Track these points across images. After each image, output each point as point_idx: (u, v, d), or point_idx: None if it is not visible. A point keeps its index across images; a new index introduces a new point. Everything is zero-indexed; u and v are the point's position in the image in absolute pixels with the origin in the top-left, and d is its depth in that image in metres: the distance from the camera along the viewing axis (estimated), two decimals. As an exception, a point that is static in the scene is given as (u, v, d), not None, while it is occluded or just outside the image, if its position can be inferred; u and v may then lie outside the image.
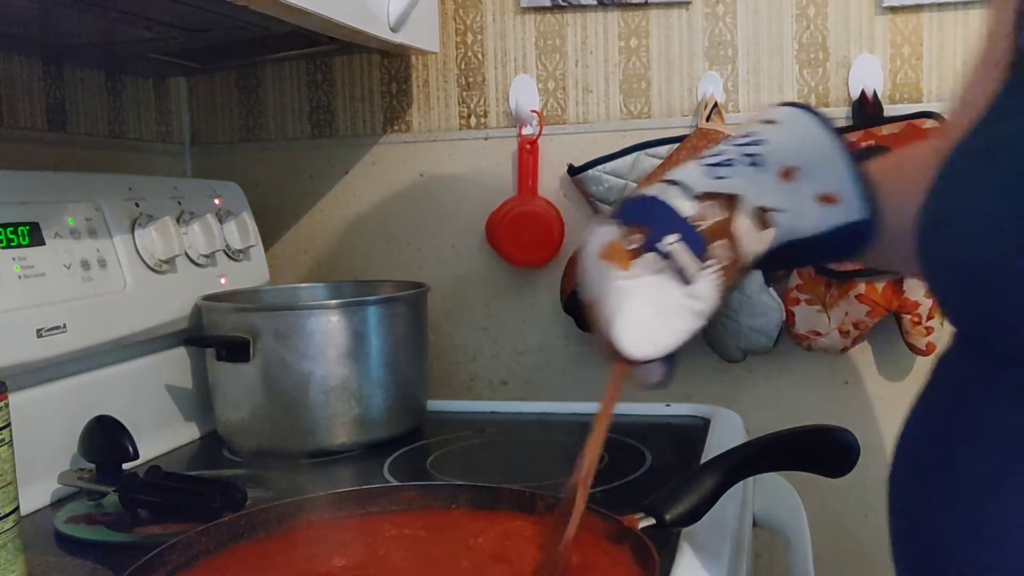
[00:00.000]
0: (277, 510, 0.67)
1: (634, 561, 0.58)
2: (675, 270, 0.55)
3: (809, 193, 0.60)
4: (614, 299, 0.55)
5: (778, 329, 1.17)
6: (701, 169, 0.59)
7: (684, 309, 0.56)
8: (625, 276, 0.55)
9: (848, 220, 0.61)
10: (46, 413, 0.87)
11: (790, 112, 0.63)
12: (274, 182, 1.38)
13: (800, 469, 0.72)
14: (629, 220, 0.57)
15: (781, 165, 0.60)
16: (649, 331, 0.55)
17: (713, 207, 0.57)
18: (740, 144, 0.61)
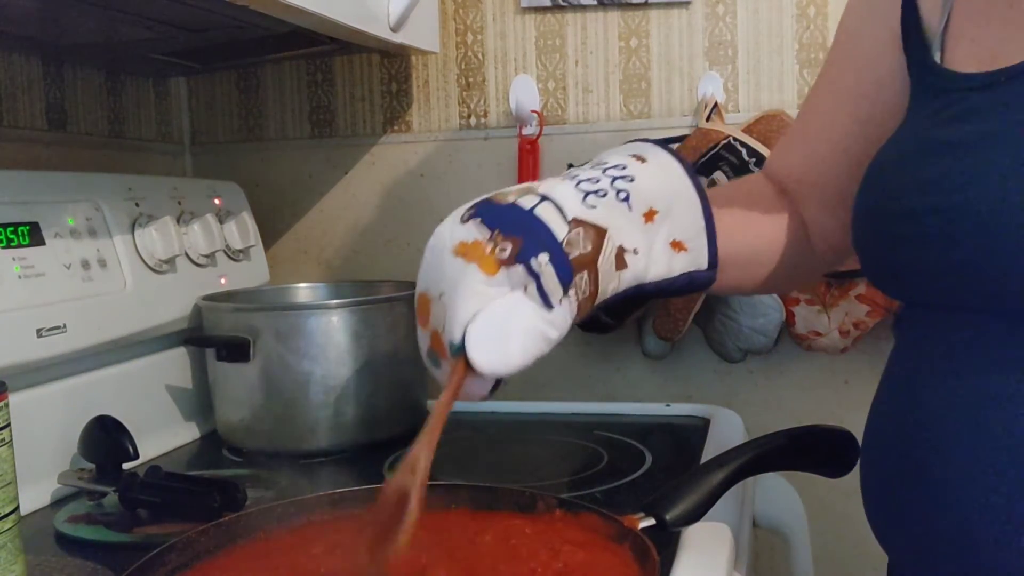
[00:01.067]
0: (277, 510, 0.67)
1: (634, 561, 0.58)
2: (539, 291, 0.53)
3: (664, 238, 0.60)
4: (472, 302, 0.53)
5: (778, 329, 1.17)
6: (575, 192, 0.57)
7: (539, 333, 0.54)
8: (489, 282, 0.53)
9: (691, 269, 0.61)
10: (46, 413, 0.87)
11: (660, 154, 0.63)
12: (274, 182, 1.38)
13: (800, 469, 0.73)
14: (499, 227, 0.54)
15: (646, 206, 0.59)
16: (502, 347, 0.53)
17: (583, 236, 0.55)
18: (614, 176, 0.59)
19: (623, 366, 1.30)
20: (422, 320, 0.57)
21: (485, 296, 0.53)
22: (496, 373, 0.54)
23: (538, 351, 0.54)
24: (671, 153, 0.63)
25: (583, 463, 0.94)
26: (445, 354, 0.55)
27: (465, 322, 0.53)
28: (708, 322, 1.20)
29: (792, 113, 1.19)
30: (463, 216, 0.56)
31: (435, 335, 0.56)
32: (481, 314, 0.53)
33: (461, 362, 0.53)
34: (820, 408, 1.24)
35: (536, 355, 0.54)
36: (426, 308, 0.57)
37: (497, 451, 1.02)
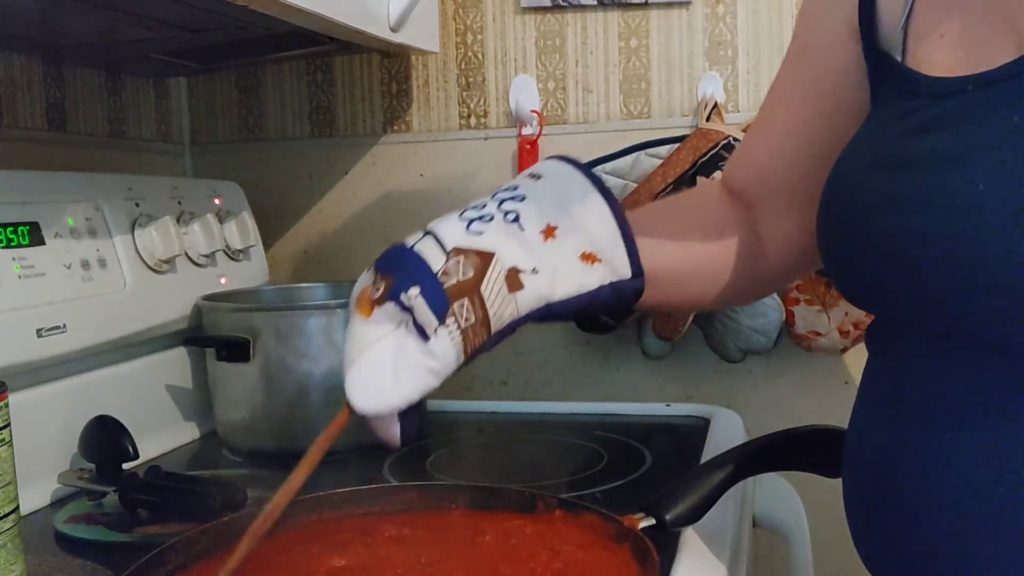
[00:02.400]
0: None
1: (634, 561, 0.58)
2: (414, 323, 0.53)
3: (570, 252, 0.57)
4: (352, 347, 0.54)
5: (778, 329, 1.17)
6: (459, 223, 0.57)
7: (419, 366, 0.54)
8: (366, 323, 0.54)
9: (612, 280, 0.59)
10: (46, 413, 0.87)
11: (555, 165, 0.61)
12: (274, 182, 1.38)
13: (800, 469, 0.72)
14: (380, 268, 0.56)
15: (543, 223, 0.57)
16: (378, 386, 0.54)
17: (463, 263, 0.55)
18: (502, 199, 0.58)
19: (623, 366, 1.30)
20: None
21: (364, 339, 0.54)
22: (374, 412, 0.54)
23: (423, 384, 0.54)
24: (574, 165, 0.61)
25: (583, 463, 0.94)
26: None
27: (346, 368, 0.54)
28: (708, 322, 1.20)
29: (792, 113, 1.19)
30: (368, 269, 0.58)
31: None
32: (360, 357, 0.54)
33: (345, 407, 0.55)
34: (820, 408, 1.24)
35: (422, 388, 0.54)
36: None
37: (497, 451, 1.02)
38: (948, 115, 0.51)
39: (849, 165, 0.58)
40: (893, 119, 0.56)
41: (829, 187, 0.59)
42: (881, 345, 0.59)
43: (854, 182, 0.56)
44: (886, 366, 0.58)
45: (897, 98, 0.56)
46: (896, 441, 0.54)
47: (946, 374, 0.51)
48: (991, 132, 0.48)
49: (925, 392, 0.53)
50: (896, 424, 0.54)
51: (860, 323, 1.15)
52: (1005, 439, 0.48)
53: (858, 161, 0.57)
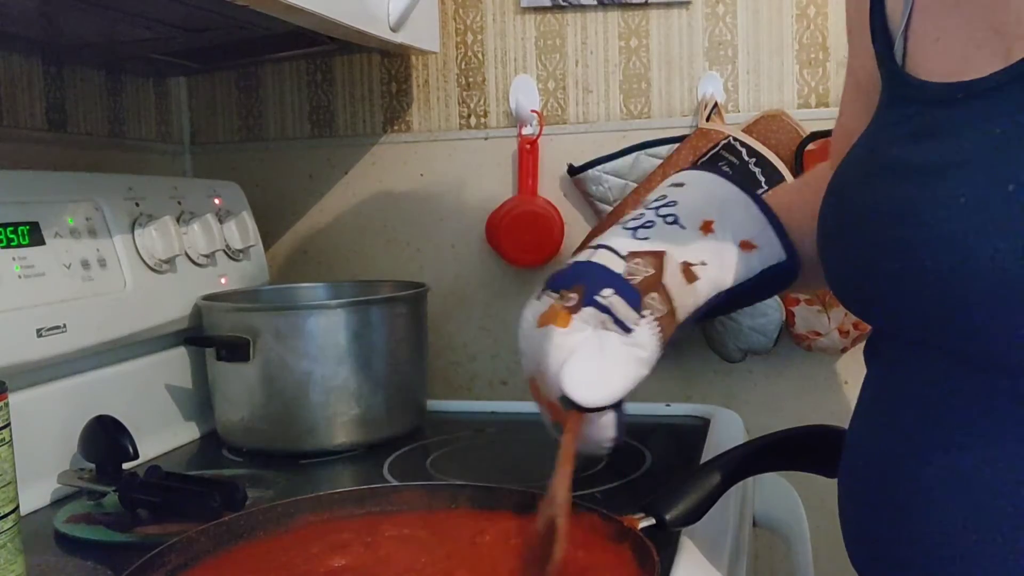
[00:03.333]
0: (277, 510, 0.67)
1: (634, 561, 0.58)
2: (614, 321, 0.57)
3: (730, 242, 0.63)
4: (558, 355, 0.57)
5: (778, 329, 1.17)
6: (625, 232, 0.61)
7: (628, 356, 0.57)
8: (566, 333, 0.57)
9: (770, 263, 0.64)
10: (46, 413, 0.87)
11: (692, 173, 0.67)
12: (274, 182, 1.38)
13: (800, 469, 0.72)
14: (562, 284, 0.59)
15: (699, 220, 0.62)
16: (598, 378, 0.56)
17: (642, 264, 0.59)
18: (656, 207, 0.63)
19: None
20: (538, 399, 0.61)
21: (567, 346, 0.57)
22: (601, 402, 0.57)
23: (635, 372, 0.58)
24: (704, 169, 0.67)
25: (583, 463, 0.94)
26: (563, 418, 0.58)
27: (559, 374, 0.56)
28: (708, 322, 1.20)
29: (792, 113, 1.19)
30: (537, 294, 0.61)
31: (548, 405, 0.59)
32: (570, 358, 0.56)
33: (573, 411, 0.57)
34: (820, 408, 1.24)
35: (635, 377, 0.58)
36: (536, 388, 0.60)
37: (497, 451, 1.02)
38: (937, 124, 0.51)
39: (845, 171, 0.58)
40: (888, 124, 0.56)
41: (828, 192, 0.59)
42: (875, 355, 0.60)
43: (848, 189, 0.57)
44: (880, 377, 0.59)
45: (894, 103, 0.57)
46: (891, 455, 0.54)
47: (936, 387, 0.51)
48: (975, 144, 0.48)
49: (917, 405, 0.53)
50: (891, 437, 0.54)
51: (860, 323, 1.15)
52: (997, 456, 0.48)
53: (853, 168, 0.58)
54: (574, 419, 0.58)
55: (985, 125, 0.48)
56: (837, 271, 0.58)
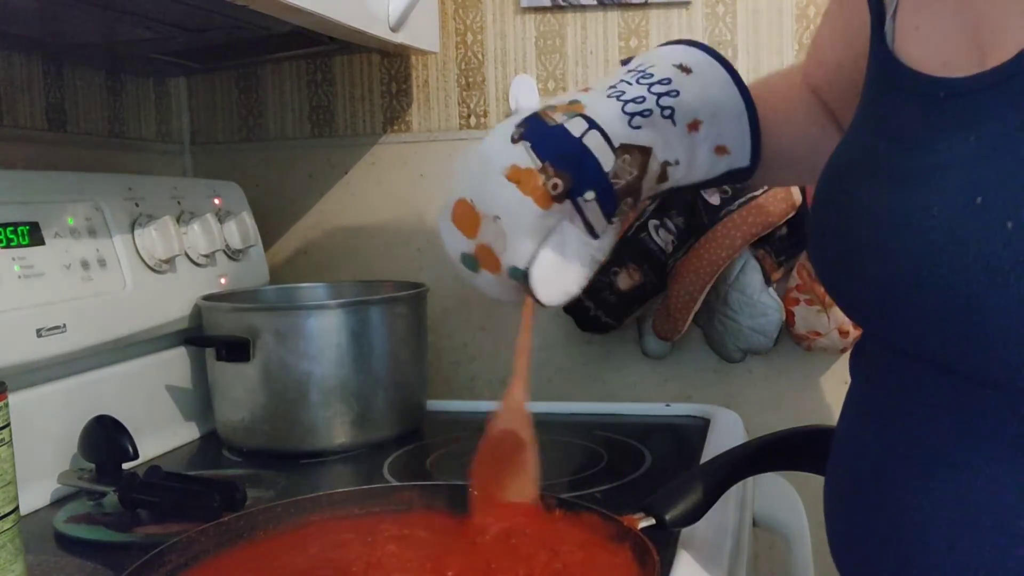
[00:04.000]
0: (277, 510, 0.67)
1: (634, 561, 0.58)
2: (583, 222, 0.57)
3: (707, 145, 0.62)
4: (533, 236, 0.57)
5: (778, 329, 1.17)
6: (620, 115, 0.59)
7: (588, 258, 0.58)
8: (543, 215, 0.56)
9: (732, 167, 0.64)
10: (46, 413, 0.87)
11: (704, 60, 0.64)
12: (274, 182, 1.38)
13: (800, 469, 0.72)
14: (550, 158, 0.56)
15: (691, 118, 0.61)
16: (561, 280, 0.58)
17: (628, 162, 0.58)
18: (658, 92, 0.61)
19: (623, 366, 1.30)
20: (465, 227, 0.59)
21: (542, 229, 0.56)
22: (556, 303, 0.59)
23: (590, 271, 0.59)
24: (716, 58, 0.65)
25: (583, 463, 0.94)
26: (495, 268, 0.58)
27: (528, 255, 0.57)
28: (708, 322, 1.20)
29: (792, 113, 1.19)
30: (513, 135, 0.57)
31: (484, 248, 0.58)
32: (540, 253, 0.57)
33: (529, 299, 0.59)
34: (820, 408, 1.24)
35: (589, 274, 0.59)
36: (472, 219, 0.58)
37: (497, 451, 1.02)
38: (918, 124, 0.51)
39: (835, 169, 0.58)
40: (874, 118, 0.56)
41: (818, 190, 0.59)
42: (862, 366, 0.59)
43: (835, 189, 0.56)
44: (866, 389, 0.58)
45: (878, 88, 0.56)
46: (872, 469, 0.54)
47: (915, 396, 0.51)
48: (950, 151, 0.47)
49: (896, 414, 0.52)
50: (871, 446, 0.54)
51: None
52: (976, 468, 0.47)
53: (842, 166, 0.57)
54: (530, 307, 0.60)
55: (960, 132, 0.47)
56: (825, 272, 0.58)
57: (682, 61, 0.63)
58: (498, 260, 0.58)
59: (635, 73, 0.62)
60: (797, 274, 1.16)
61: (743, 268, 1.15)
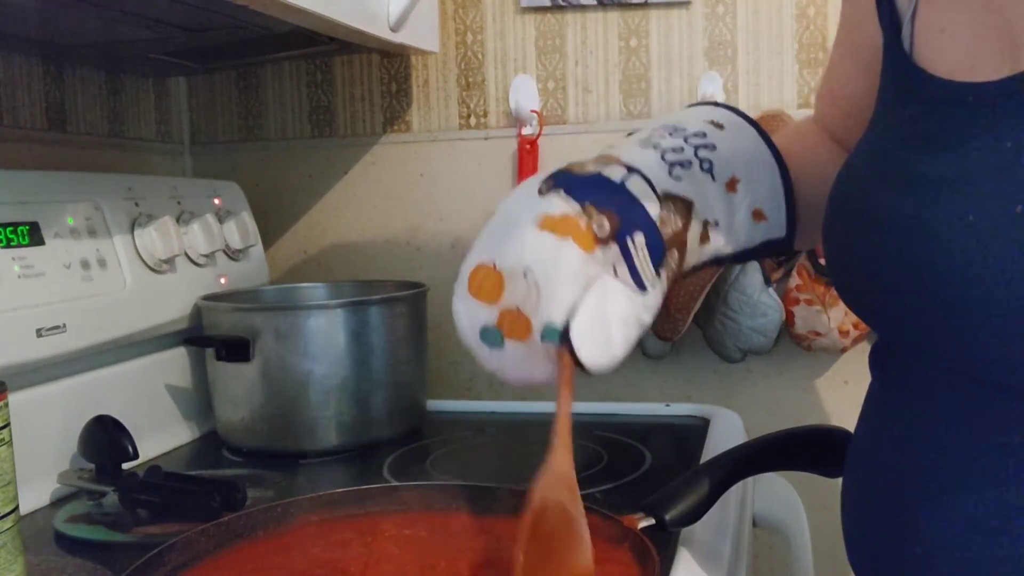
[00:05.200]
0: (277, 510, 0.67)
1: (634, 561, 0.58)
2: (631, 272, 0.51)
3: (745, 207, 0.58)
4: (574, 283, 0.49)
5: (778, 329, 1.17)
6: (661, 163, 0.54)
7: (635, 319, 0.51)
8: (587, 260, 0.49)
9: (770, 237, 0.60)
10: (46, 413, 0.87)
11: (734, 119, 0.61)
12: (274, 182, 1.38)
13: (800, 469, 0.72)
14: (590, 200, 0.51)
15: (728, 175, 0.57)
16: (605, 339, 0.50)
17: (674, 211, 0.53)
18: (695, 145, 0.57)
19: (623, 366, 1.29)
20: (485, 294, 0.51)
21: (584, 276, 0.49)
22: (600, 368, 0.50)
23: (636, 337, 0.52)
24: (744, 117, 0.61)
25: (583, 463, 0.94)
26: (524, 334, 0.50)
27: (569, 306, 0.49)
28: (708, 322, 1.20)
29: (792, 113, 1.19)
30: (540, 188, 0.52)
31: (510, 313, 0.50)
32: (584, 304, 0.49)
33: (567, 356, 0.50)
34: (820, 408, 1.24)
35: (635, 341, 0.51)
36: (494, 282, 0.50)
37: (497, 451, 1.02)
38: (946, 130, 0.49)
39: (852, 175, 0.56)
40: (894, 125, 0.54)
41: (832, 196, 0.57)
42: (881, 365, 0.58)
43: (853, 196, 0.54)
44: (885, 388, 0.57)
45: (901, 98, 0.54)
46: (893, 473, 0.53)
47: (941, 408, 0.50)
48: (983, 158, 0.46)
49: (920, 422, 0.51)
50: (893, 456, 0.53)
51: (860, 323, 1.15)
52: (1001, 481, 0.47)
53: (860, 173, 0.55)
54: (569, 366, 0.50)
55: (993, 137, 0.46)
56: (844, 280, 0.56)
57: (713, 118, 0.60)
58: (528, 322, 0.50)
59: (666, 127, 0.59)
60: (797, 274, 1.16)
61: (743, 268, 1.15)
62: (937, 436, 0.50)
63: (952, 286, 0.45)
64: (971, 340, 0.46)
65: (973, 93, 0.48)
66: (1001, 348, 0.45)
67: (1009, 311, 0.43)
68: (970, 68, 0.49)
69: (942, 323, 0.47)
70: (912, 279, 0.48)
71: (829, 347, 1.17)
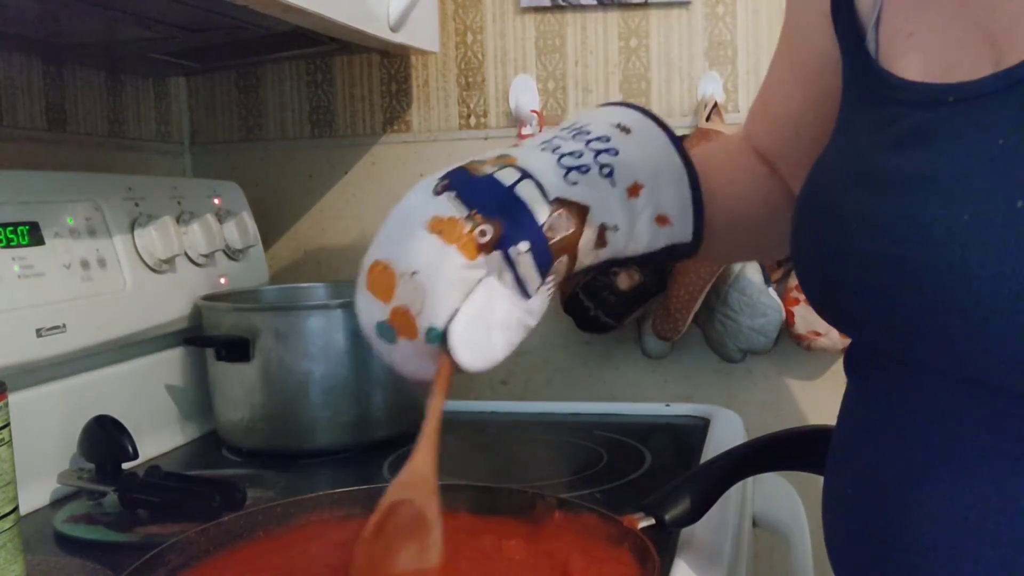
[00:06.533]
0: (277, 510, 0.67)
1: (634, 561, 0.58)
2: (515, 279, 0.52)
3: (648, 212, 0.58)
4: (455, 290, 0.51)
5: (778, 329, 1.17)
6: (557, 168, 0.55)
7: (517, 323, 0.53)
8: (468, 266, 0.51)
9: (674, 241, 0.59)
10: (46, 413, 0.87)
11: (643, 122, 0.60)
12: (274, 182, 1.38)
13: (800, 469, 0.72)
14: (478, 206, 0.52)
15: (631, 180, 0.57)
16: (485, 343, 0.52)
17: (565, 217, 0.53)
18: (597, 150, 0.57)
19: (623, 366, 1.30)
20: (380, 291, 0.53)
21: (466, 283, 0.51)
22: (479, 369, 0.52)
23: (519, 339, 0.53)
24: (656, 121, 0.61)
25: (583, 463, 0.94)
26: (412, 333, 0.52)
27: (449, 312, 0.51)
28: (708, 322, 1.20)
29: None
30: (436, 187, 0.53)
31: (401, 312, 0.52)
32: (463, 309, 0.51)
33: (447, 358, 0.52)
34: (820, 408, 1.24)
35: (518, 343, 0.53)
36: (387, 280, 0.53)
37: (497, 451, 1.02)
38: (926, 129, 0.48)
39: (822, 179, 0.55)
40: (867, 129, 0.53)
41: (802, 202, 0.57)
42: (858, 372, 0.58)
43: (827, 200, 0.53)
44: (863, 394, 0.56)
45: (870, 103, 0.53)
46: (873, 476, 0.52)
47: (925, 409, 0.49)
48: (973, 155, 0.45)
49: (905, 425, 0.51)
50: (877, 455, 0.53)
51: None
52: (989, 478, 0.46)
53: (831, 176, 0.54)
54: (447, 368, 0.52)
55: (983, 134, 0.45)
56: (816, 285, 0.56)
57: (621, 121, 0.59)
58: (415, 322, 0.51)
59: (570, 130, 0.59)
60: (797, 274, 1.16)
61: (743, 268, 1.15)
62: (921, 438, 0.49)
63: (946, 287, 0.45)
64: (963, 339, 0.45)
65: (952, 93, 0.47)
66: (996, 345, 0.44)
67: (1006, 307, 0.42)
68: (945, 70, 0.49)
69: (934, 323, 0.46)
70: (904, 280, 0.47)
71: (829, 347, 1.17)
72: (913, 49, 0.51)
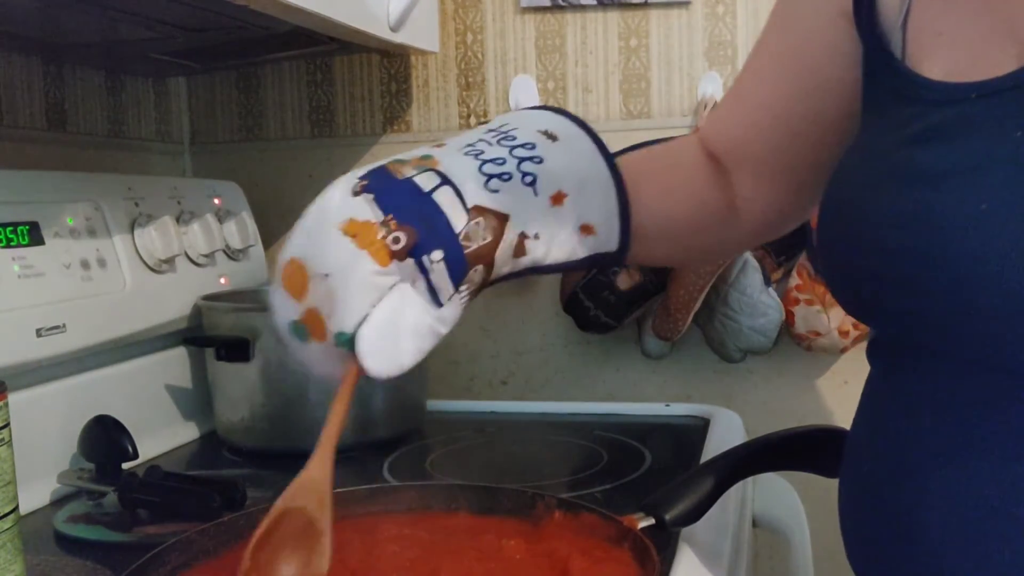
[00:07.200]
0: (277, 510, 0.67)
1: (634, 561, 0.58)
2: (427, 287, 0.51)
3: (572, 222, 0.57)
4: (364, 296, 0.50)
5: (778, 329, 1.17)
6: (476, 174, 0.54)
7: (428, 330, 0.52)
8: (380, 273, 0.50)
9: (599, 251, 0.59)
10: (46, 413, 0.87)
11: (571, 129, 0.60)
12: (274, 182, 1.38)
13: (800, 469, 0.72)
14: (394, 212, 0.51)
15: (555, 189, 0.56)
16: (393, 350, 0.51)
17: (483, 226, 0.53)
18: (521, 157, 0.56)
19: (623, 366, 1.30)
20: (294, 290, 0.53)
21: (377, 289, 0.50)
22: (387, 377, 0.52)
23: (429, 347, 0.53)
24: (584, 128, 0.60)
25: (583, 463, 0.94)
26: (322, 336, 0.52)
27: (358, 318, 0.50)
28: (708, 322, 1.20)
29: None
30: (355, 187, 0.52)
31: (313, 313, 0.52)
32: (372, 316, 0.50)
33: (354, 365, 0.52)
34: (820, 408, 1.24)
35: (427, 350, 0.53)
36: (301, 280, 0.52)
37: (497, 451, 1.02)
38: (949, 125, 0.49)
39: (848, 176, 0.56)
40: (891, 127, 0.53)
41: (828, 198, 0.57)
42: (883, 362, 0.58)
43: (853, 195, 0.54)
44: (885, 380, 0.57)
45: (894, 102, 0.54)
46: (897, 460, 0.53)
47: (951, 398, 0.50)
48: (995, 147, 0.46)
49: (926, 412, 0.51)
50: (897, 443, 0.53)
51: (860, 323, 1.15)
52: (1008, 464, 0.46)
53: (857, 172, 0.55)
54: (354, 374, 0.53)
55: (1003, 127, 0.46)
56: (843, 279, 0.56)
57: (548, 127, 0.58)
58: (325, 325, 0.51)
59: (496, 133, 0.58)
60: (797, 274, 1.16)
61: (743, 268, 1.15)
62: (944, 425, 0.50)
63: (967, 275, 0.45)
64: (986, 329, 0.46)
65: (976, 90, 0.48)
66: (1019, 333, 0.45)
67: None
68: (970, 67, 0.50)
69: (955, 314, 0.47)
70: (923, 271, 0.47)
71: (829, 347, 1.17)
72: (942, 47, 0.52)
